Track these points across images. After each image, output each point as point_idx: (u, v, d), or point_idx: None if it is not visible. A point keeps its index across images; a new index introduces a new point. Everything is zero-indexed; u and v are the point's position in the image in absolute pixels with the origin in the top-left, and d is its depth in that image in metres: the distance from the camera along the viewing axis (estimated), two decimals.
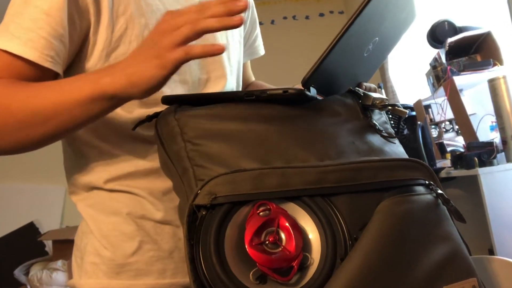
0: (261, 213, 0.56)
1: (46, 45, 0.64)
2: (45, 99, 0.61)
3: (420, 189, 0.63)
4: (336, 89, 0.73)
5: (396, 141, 0.73)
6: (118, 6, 0.69)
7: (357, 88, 0.74)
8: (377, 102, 0.71)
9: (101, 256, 0.72)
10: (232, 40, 0.86)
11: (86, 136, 0.74)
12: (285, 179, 0.57)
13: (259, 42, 1.03)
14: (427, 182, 0.64)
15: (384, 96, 0.71)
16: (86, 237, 0.75)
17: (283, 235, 0.55)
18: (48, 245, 3.38)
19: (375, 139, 0.70)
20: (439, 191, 0.63)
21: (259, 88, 0.68)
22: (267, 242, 0.55)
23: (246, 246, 0.53)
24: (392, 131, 0.73)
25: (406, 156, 0.71)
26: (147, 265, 0.72)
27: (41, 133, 0.62)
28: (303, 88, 0.64)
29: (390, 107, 0.72)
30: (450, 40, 2.02)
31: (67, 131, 0.64)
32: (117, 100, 0.61)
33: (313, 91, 0.65)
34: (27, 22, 0.63)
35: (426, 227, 0.60)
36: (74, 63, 0.71)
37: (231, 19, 0.55)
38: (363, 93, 0.73)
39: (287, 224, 0.55)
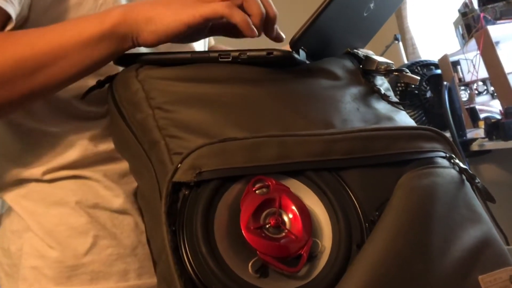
0: (258, 191, 0.57)
1: None
2: (40, 42, 0.63)
3: (443, 161, 0.67)
4: (330, 54, 0.75)
5: (403, 109, 0.77)
6: None
7: (356, 50, 0.78)
8: (382, 67, 0.75)
9: (45, 258, 0.72)
10: None
11: (16, 116, 0.74)
12: (285, 149, 0.59)
13: None
14: (447, 155, 0.68)
15: (389, 61, 0.77)
16: (21, 237, 0.74)
17: (286, 217, 0.58)
18: None
19: (381, 106, 0.74)
20: (462, 166, 0.67)
21: None
22: (267, 226, 0.57)
23: (242, 231, 0.54)
24: (396, 99, 0.77)
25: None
26: (105, 265, 0.72)
27: (25, 89, 0.63)
28: (291, 51, 0.66)
29: (396, 73, 0.75)
30: None
31: (54, 88, 0.66)
32: (122, 39, 0.65)
33: (302, 55, 0.68)
34: None
35: (453, 205, 0.64)
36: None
37: (252, 28, 0.65)
38: (365, 56, 0.76)
39: (291, 204, 0.57)
